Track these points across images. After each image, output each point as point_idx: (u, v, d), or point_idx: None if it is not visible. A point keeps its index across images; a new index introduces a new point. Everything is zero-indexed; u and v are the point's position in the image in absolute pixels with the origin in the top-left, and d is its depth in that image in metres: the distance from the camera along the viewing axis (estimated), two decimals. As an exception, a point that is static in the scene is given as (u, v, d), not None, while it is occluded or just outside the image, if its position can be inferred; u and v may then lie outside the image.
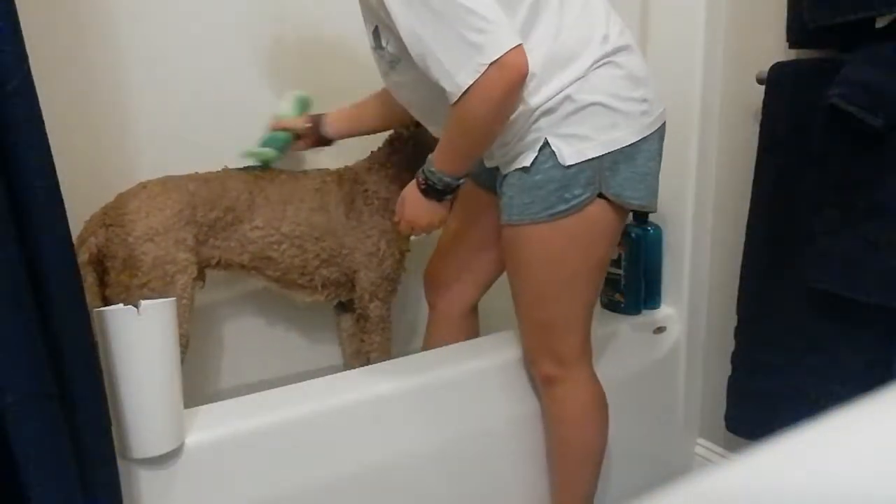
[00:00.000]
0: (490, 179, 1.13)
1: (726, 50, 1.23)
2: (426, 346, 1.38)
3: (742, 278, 1.22)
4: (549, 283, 1.07)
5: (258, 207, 1.32)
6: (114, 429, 0.81)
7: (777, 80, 1.12)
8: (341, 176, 1.41)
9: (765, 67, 1.14)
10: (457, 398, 1.10)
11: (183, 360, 1.26)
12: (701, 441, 1.42)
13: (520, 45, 0.89)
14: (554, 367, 1.11)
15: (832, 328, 1.09)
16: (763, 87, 1.14)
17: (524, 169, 1.00)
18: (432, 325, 1.36)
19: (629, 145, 0.99)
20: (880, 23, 0.99)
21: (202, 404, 0.96)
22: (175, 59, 1.42)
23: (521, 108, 0.97)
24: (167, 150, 1.38)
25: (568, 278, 1.07)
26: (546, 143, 0.98)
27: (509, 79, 0.90)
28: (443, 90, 0.92)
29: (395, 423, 1.04)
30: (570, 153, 0.97)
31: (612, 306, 1.34)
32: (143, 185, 1.25)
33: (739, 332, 1.24)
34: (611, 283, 1.33)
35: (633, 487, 1.32)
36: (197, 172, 1.30)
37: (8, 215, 0.64)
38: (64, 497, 0.70)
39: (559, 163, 0.97)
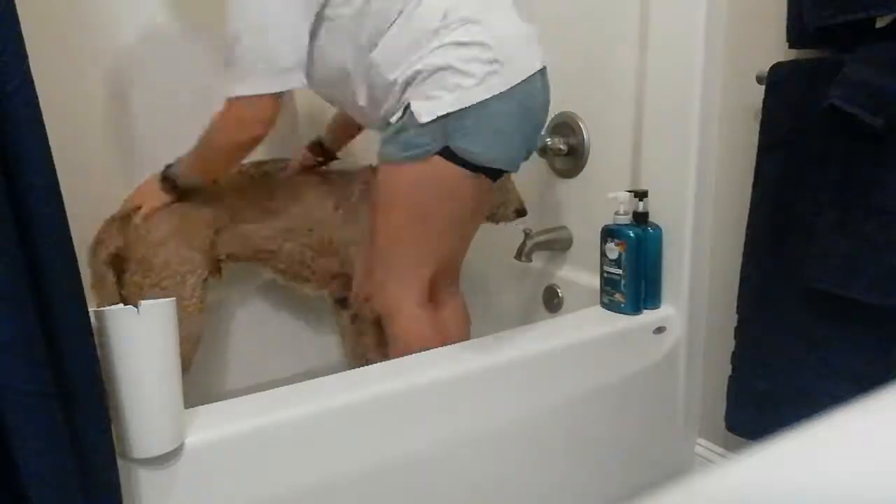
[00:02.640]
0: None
1: (726, 50, 1.23)
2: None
3: (742, 278, 1.22)
4: (391, 225, 1.19)
5: (261, 205, 1.33)
6: (114, 429, 0.81)
7: (777, 80, 1.12)
8: (345, 173, 1.43)
9: (765, 67, 1.14)
10: (457, 398, 1.10)
11: (193, 360, 1.27)
12: (701, 441, 1.42)
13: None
14: (389, 306, 1.25)
15: (832, 328, 1.09)
16: (763, 87, 1.14)
17: (389, 124, 1.15)
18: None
19: (477, 103, 1.08)
20: (880, 23, 0.99)
21: (202, 404, 0.96)
22: (175, 59, 1.42)
23: (386, 85, 1.13)
24: (167, 150, 1.38)
25: (408, 224, 1.19)
26: (408, 106, 1.11)
27: (258, 118, 1.12)
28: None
29: (396, 423, 1.04)
30: (424, 111, 1.09)
31: (612, 306, 1.34)
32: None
33: (739, 332, 1.24)
34: (611, 283, 1.33)
35: (633, 487, 1.32)
36: None
37: (8, 215, 0.64)
38: (64, 497, 0.70)
39: (416, 121, 1.09)
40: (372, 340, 1.47)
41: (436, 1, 1.10)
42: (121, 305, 0.81)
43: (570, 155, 1.60)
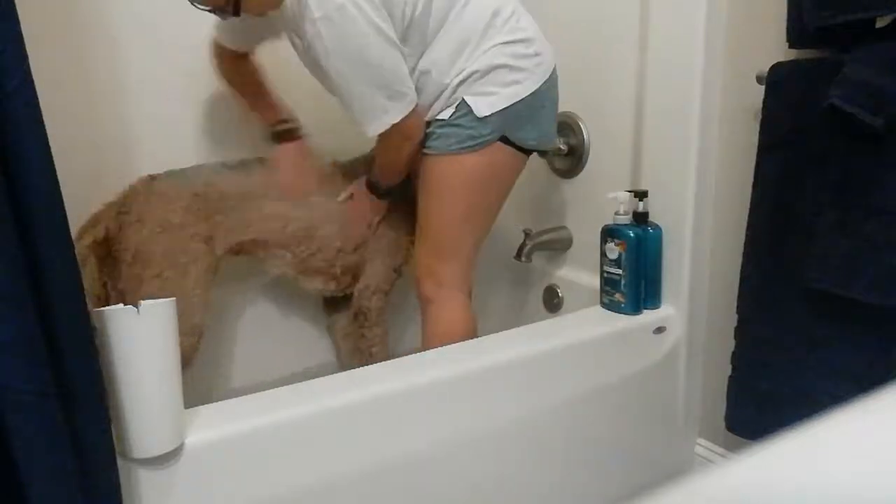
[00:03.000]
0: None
1: (726, 50, 1.23)
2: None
3: (742, 278, 1.22)
4: (447, 210, 1.28)
5: (268, 196, 1.33)
6: (114, 429, 0.81)
7: (777, 80, 1.12)
8: (350, 166, 1.44)
9: (765, 67, 1.14)
10: (457, 398, 1.10)
11: (196, 353, 1.27)
12: (701, 441, 1.42)
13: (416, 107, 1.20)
14: (433, 288, 1.30)
15: (832, 328, 1.09)
16: (763, 87, 1.14)
17: (441, 120, 1.24)
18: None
19: (529, 94, 1.22)
20: (880, 23, 0.99)
21: (203, 404, 0.96)
22: (175, 59, 1.42)
23: (438, 87, 1.22)
24: (167, 149, 1.38)
25: (463, 209, 1.28)
26: (463, 101, 1.22)
27: (408, 134, 1.23)
28: None
29: (396, 423, 1.04)
30: (484, 106, 1.20)
31: (612, 306, 1.34)
32: (153, 178, 1.25)
33: (739, 332, 1.24)
34: (611, 283, 1.33)
35: (633, 487, 1.32)
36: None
37: (8, 215, 0.64)
38: (64, 497, 0.70)
39: (474, 115, 1.20)
40: (379, 332, 1.47)
41: (481, 2, 1.21)
42: (121, 305, 0.81)
43: (570, 155, 1.60)
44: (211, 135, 1.41)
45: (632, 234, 1.30)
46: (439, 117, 1.24)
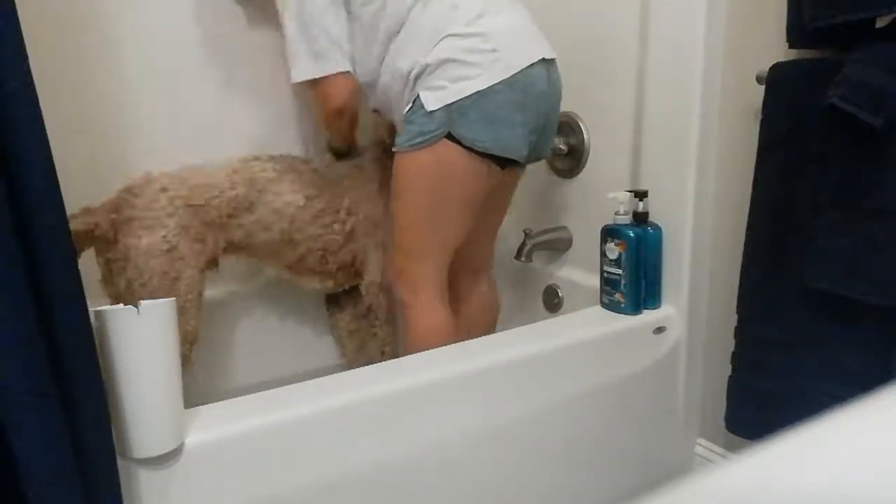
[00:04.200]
0: None
1: (726, 50, 1.23)
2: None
3: (742, 278, 1.22)
4: (407, 210, 1.26)
5: (267, 195, 1.32)
6: (114, 429, 0.81)
7: (777, 80, 1.12)
8: (355, 164, 1.44)
9: (765, 67, 1.14)
10: (457, 398, 1.10)
11: (191, 356, 1.27)
12: (701, 441, 1.42)
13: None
14: (409, 293, 1.28)
15: (832, 328, 1.09)
16: (763, 87, 1.14)
17: (405, 118, 1.22)
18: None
19: (478, 91, 1.16)
20: (880, 23, 0.99)
21: (202, 404, 0.96)
22: (175, 59, 1.42)
23: (402, 79, 1.22)
24: (167, 149, 1.38)
25: (422, 208, 1.25)
26: (418, 96, 1.19)
27: (323, 96, 1.28)
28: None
29: (396, 423, 1.04)
30: (431, 100, 1.17)
31: (612, 306, 1.34)
32: (146, 178, 1.25)
33: (739, 332, 1.24)
34: (611, 283, 1.33)
35: (633, 487, 1.32)
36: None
37: (8, 215, 0.64)
38: (64, 497, 0.70)
39: (425, 109, 1.17)
40: (390, 330, 1.47)
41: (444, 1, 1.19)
42: (121, 305, 0.81)
43: (570, 155, 1.60)
44: (212, 134, 1.41)
45: (632, 234, 1.30)
46: (403, 113, 1.23)
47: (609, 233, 1.32)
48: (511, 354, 1.16)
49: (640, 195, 1.32)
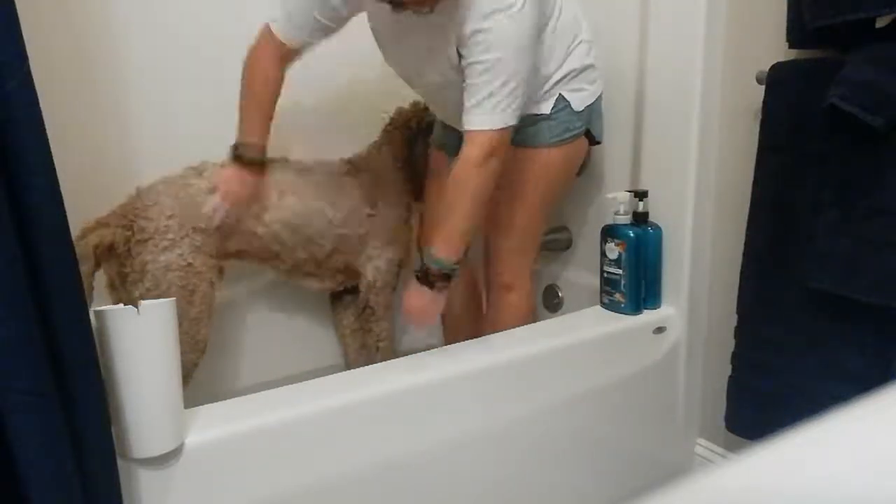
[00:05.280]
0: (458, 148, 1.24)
1: (726, 50, 1.23)
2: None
3: (742, 278, 1.22)
4: (539, 201, 1.34)
5: (267, 200, 1.32)
6: (114, 429, 0.81)
7: (777, 80, 1.12)
8: (350, 164, 1.44)
9: (765, 67, 1.14)
10: (457, 398, 1.10)
11: (198, 365, 1.27)
12: (701, 441, 1.42)
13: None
14: (513, 277, 1.36)
15: (832, 328, 1.09)
16: (763, 87, 1.14)
17: (540, 115, 1.28)
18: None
19: (601, 91, 1.35)
20: (880, 23, 0.99)
21: (202, 404, 0.96)
22: (175, 59, 1.42)
23: (539, 82, 1.26)
24: (167, 150, 1.38)
25: (550, 198, 1.37)
26: (560, 96, 1.28)
27: (499, 150, 1.14)
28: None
29: (396, 423, 1.04)
30: (578, 101, 1.30)
31: (612, 306, 1.34)
32: (156, 200, 1.25)
33: (739, 332, 1.24)
34: (611, 283, 1.33)
35: (633, 487, 1.32)
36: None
37: (8, 215, 0.64)
38: (64, 497, 0.70)
39: (572, 109, 1.29)
40: (386, 327, 1.48)
41: (569, 9, 1.28)
42: (121, 305, 0.81)
43: (570, 155, 1.60)
44: (212, 134, 1.41)
45: (632, 234, 1.30)
46: (538, 112, 1.28)
47: (609, 233, 1.32)
48: (511, 354, 1.16)
49: (640, 195, 1.32)
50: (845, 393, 0.92)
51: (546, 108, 1.28)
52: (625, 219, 1.31)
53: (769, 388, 1.19)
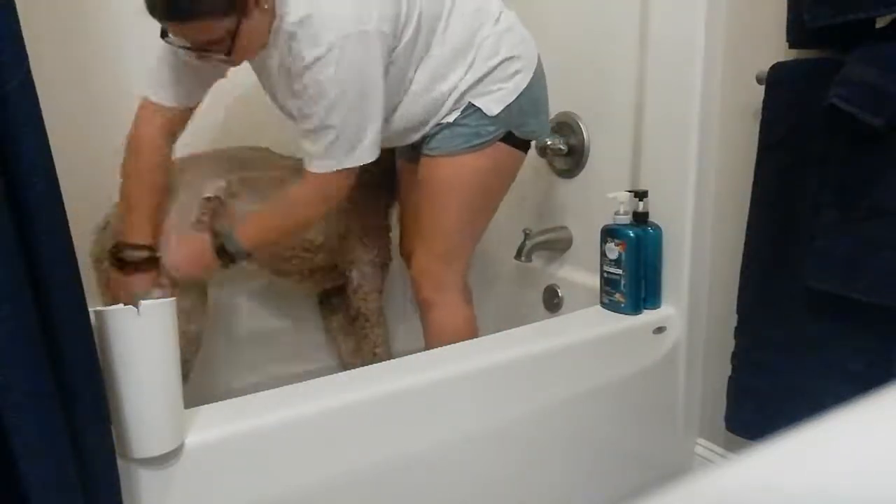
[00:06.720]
0: (415, 153, 1.28)
1: (726, 50, 1.23)
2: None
3: (742, 278, 1.22)
4: (452, 212, 1.25)
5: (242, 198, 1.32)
6: (114, 429, 0.81)
7: (777, 80, 1.12)
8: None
9: (765, 67, 1.14)
10: (457, 398, 1.10)
11: (195, 358, 1.27)
12: (701, 441, 1.42)
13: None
14: (433, 293, 1.27)
15: (832, 328, 1.09)
16: (763, 87, 1.14)
17: (446, 124, 1.21)
18: None
19: (527, 84, 1.21)
20: (880, 23, 0.99)
21: (202, 404, 0.96)
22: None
23: (438, 98, 1.18)
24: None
25: (469, 209, 1.26)
26: (469, 104, 1.19)
27: (334, 194, 1.13)
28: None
29: (396, 423, 1.04)
30: (493, 104, 1.19)
31: (612, 306, 1.34)
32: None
33: (739, 332, 1.24)
34: (611, 283, 1.33)
35: (633, 487, 1.32)
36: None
37: (8, 215, 0.64)
38: (64, 497, 0.70)
39: (483, 113, 1.19)
40: (381, 332, 1.47)
41: (468, 4, 1.18)
42: (121, 305, 0.81)
43: (570, 155, 1.60)
44: (212, 133, 1.41)
45: (632, 234, 1.30)
46: (443, 121, 1.23)
47: (609, 233, 1.32)
48: (511, 354, 1.16)
49: (640, 195, 1.32)
50: (845, 393, 0.92)
51: (451, 117, 1.22)
52: (625, 219, 1.31)
53: (769, 388, 1.19)
